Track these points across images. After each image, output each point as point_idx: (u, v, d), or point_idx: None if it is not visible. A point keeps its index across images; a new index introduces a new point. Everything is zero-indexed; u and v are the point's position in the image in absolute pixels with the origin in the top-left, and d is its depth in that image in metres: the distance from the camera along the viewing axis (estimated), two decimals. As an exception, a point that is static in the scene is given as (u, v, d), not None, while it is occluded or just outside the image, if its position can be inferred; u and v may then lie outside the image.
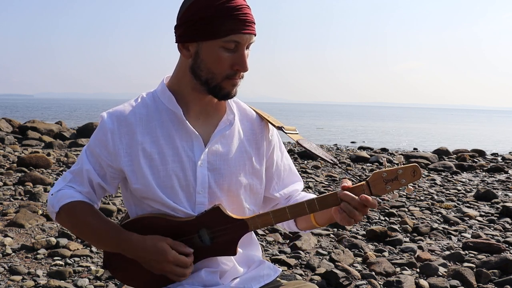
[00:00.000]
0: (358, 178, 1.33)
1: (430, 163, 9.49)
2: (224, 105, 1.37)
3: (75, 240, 3.62)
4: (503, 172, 8.90)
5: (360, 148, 14.07)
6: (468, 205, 5.61)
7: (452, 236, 4.22)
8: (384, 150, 13.32)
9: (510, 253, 3.70)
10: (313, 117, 52.80)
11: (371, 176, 1.25)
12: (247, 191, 1.37)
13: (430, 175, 8.12)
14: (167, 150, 1.28)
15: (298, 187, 1.50)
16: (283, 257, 3.40)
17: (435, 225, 4.52)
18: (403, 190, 5.63)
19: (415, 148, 15.50)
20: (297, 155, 9.89)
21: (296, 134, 1.42)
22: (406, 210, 5.16)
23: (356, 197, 1.21)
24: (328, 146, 15.37)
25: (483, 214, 5.15)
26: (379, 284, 3.03)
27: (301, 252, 3.58)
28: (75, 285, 2.85)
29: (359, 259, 3.51)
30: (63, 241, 3.53)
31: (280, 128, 1.40)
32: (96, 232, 1.29)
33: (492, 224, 4.69)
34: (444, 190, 6.59)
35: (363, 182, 1.25)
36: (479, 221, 4.81)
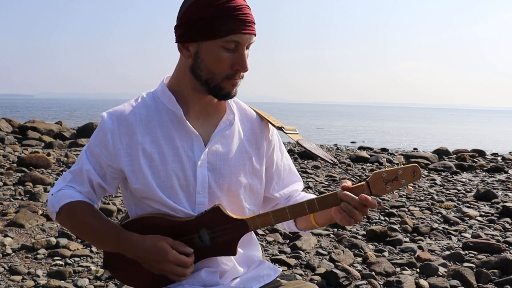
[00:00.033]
0: (358, 178, 1.33)
1: (430, 163, 9.49)
2: (224, 105, 1.37)
3: (75, 240, 3.62)
4: (503, 172, 8.90)
5: (360, 148, 14.07)
6: (468, 205, 5.61)
7: (452, 236, 4.22)
8: (384, 150, 13.32)
9: (510, 253, 3.70)
10: (313, 117, 52.79)
11: (371, 176, 1.25)
12: (247, 191, 1.37)
13: (430, 175, 8.12)
14: (167, 150, 1.28)
15: (298, 187, 1.50)
16: (283, 257, 3.40)
17: (435, 225, 4.52)
18: (403, 190, 5.63)
19: (415, 148, 15.50)
20: (297, 155, 9.89)
21: (296, 134, 1.42)
22: (406, 210, 5.16)
23: (356, 197, 1.21)
24: (328, 146, 15.37)
25: (483, 214, 5.15)
26: (379, 284, 3.03)
27: (301, 252, 3.58)
28: (75, 285, 2.85)
29: (359, 259, 3.51)
30: (63, 241, 3.53)
31: (280, 128, 1.40)
32: (96, 232, 1.29)
33: (492, 224, 4.69)
34: (444, 190, 6.59)
35: (363, 182, 1.25)
36: (479, 221, 4.81)
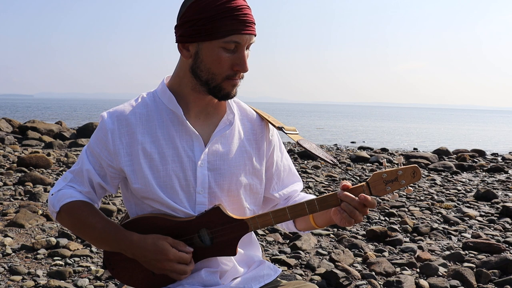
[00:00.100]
0: (358, 178, 1.33)
1: (430, 163, 9.49)
2: (224, 105, 1.37)
3: (75, 240, 3.62)
4: (503, 172, 8.90)
5: (360, 148, 14.07)
6: (468, 205, 5.61)
7: (452, 236, 4.22)
8: (384, 150, 13.32)
9: (510, 253, 3.70)
10: (313, 117, 52.80)
11: (371, 177, 1.26)
12: (247, 191, 1.37)
13: (430, 175, 8.12)
14: (167, 150, 1.28)
15: (297, 188, 1.50)
16: (283, 257, 3.40)
17: (435, 225, 4.52)
18: (403, 191, 5.64)
19: (415, 148, 15.51)
20: (297, 155, 9.89)
21: (296, 134, 1.42)
22: (406, 210, 5.16)
23: (356, 197, 1.22)
24: (328, 146, 15.38)
25: (483, 214, 5.15)
26: (379, 284, 3.03)
27: (301, 252, 3.58)
28: (75, 285, 2.85)
29: (359, 259, 3.51)
30: (63, 241, 3.53)
31: (280, 129, 1.40)
32: (97, 231, 1.29)
33: (492, 224, 4.69)
34: (444, 190, 6.59)
35: (363, 183, 1.25)
36: (479, 221, 4.81)
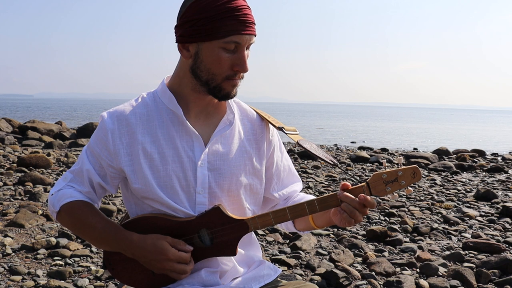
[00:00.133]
0: (358, 179, 1.33)
1: (430, 163, 9.49)
2: (224, 105, 1.37)
3: (75, 240, 3.62)
4: (503, 172, 8.90)
5: (360, 148, 14.07)
6: (468, 205, 5.61)
7: (452, 236, 4.22)
8: (384, 150, 13.32)
9: (510, 253, 3.70)
10: (313, 117, 52.80)
11: (371, 178, 1.26)
12: (247, 191, 1.37)
13: (430, 175, 8.12)
14: (167, 150, 1.28)
15: (297, 188, 1.50)
16: (283, 257, 3.40)
17: (435, 225, 4.52)
18: (403, 191, 5.64)
19: (415, 148, 15.51)
20: (297, 155, 9.89)
21: (297, 134, 1.42)
22: (406, 210, 5.16)
23: (356, 198, 1.22)
24: (328, 146, 15.37)
25: (483, 214, 5.15)
26: (379, 284, 3.03)
27: (301, 252, 3.58)
28: (75, 285, 2.85)
29: (359, 259, 3.51)
30: (63, 241, 3.53)
31: (280, 129, 1.40)
32: (97, 231, 1.29)
33: (492, 224, 4.69)
34: (444, 190, 6.59)
35: (363, 184, 1.25)
36: (479, 221, 4.81)
